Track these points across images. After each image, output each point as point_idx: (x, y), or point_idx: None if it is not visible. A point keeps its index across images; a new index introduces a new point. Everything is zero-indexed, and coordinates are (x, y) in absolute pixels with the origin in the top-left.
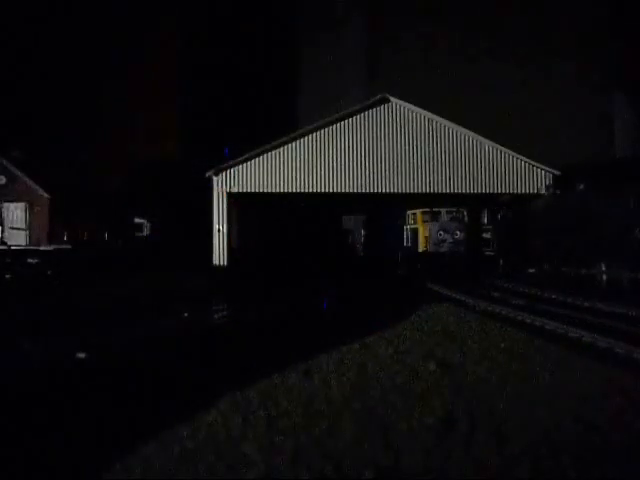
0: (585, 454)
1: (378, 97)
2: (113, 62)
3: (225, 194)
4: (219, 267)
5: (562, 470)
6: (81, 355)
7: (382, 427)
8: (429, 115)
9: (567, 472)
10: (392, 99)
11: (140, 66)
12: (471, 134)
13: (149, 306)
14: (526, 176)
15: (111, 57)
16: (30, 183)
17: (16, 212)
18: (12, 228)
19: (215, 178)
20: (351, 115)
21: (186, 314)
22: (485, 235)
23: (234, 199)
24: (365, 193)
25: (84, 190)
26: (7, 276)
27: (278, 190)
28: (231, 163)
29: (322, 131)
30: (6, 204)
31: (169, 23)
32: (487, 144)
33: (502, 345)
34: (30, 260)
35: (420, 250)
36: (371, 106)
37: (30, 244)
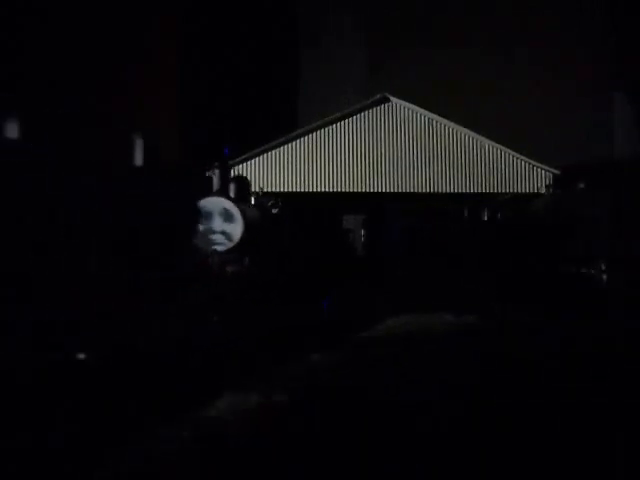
0: None
1: (378, 97)
2: (112, 63)
3: None
4: None
5: None
6: None
7: None
8: (429, 115)
9: None
10: (392, 99)
11: (140, 66)
12: (471, 134)
13: None
14: (526, 176)
15: (111, 57)
16: None
17: None
18: None
19: (215, 177)
20: (351, 115)
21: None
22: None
23: None
24: (365, 193)
25: None
26: None
27: (278, 189)
28: (231, 163)
29: (322, 131)
30: None
31: (169, 23)
32: (487, 144)
33: None
34: None
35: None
36: (371, 106)
37: None
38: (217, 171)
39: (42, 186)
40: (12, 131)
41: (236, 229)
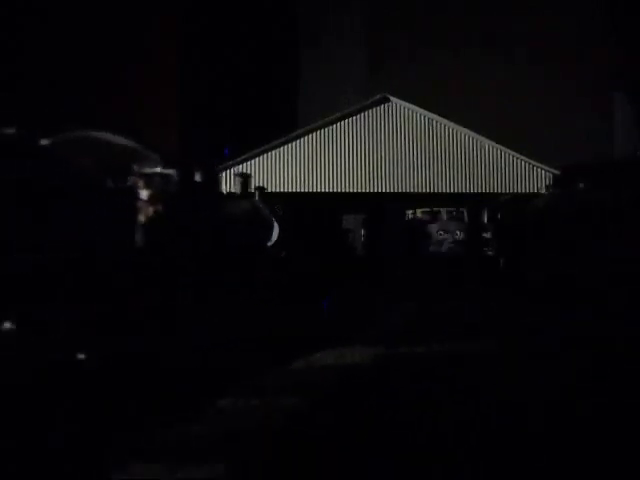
0: None
1: (378, 97)
2: (112, 63)
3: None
4: None
5: None
6: None
7: None
8: (429, 115)
9: None
10: (392, 99)
11: (140, 66)
12: (471, 134)
13: None
14: (526, 176)
15: (111, 57)
16: None
17: None
18: None
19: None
20: (351, 115)
21: None
22: (485, 235)
23: None
24: (365, 193)
25: None
26: None
27: (278, 189)
28: (231, 163)
29: (322, 131)
30: None
31: (169, 23)
32: (487, 144)
33: None
34: None
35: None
36: (371, 106)
37: None
38: (237, 179)
39: None
40: None
41: (274, 233)
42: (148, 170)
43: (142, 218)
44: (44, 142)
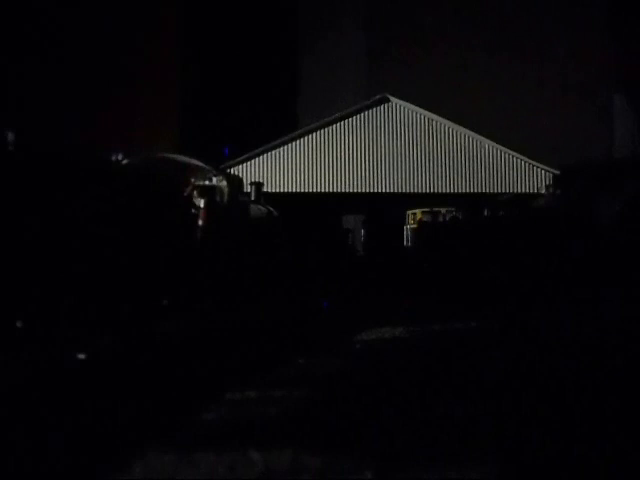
0: None
1: (378, 97)
2: (112, 63)
3: None
4: None
5: None
6: None
7: None
8: (429, 115)
9: None
10: (392, 99)
11: (140, 65)
12: (471, 134)
13: None
14: (526, 176)
15: (111, 57)
16: None
17: None
18: None
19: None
20: (351, 115)
21: None
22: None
23: None
24: (365, 193)
25: None
26: None
27: (278, 190)
28: (231, 163)
29: (322, 131)
30: None
31: (169, 23)
32: (487, 144)
33: None
34: None
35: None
36: (371, 106)
37: None
38: (253, 187)
39: None
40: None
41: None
42: (202, 182)
43: (200, 222)
44: (125, 162)
